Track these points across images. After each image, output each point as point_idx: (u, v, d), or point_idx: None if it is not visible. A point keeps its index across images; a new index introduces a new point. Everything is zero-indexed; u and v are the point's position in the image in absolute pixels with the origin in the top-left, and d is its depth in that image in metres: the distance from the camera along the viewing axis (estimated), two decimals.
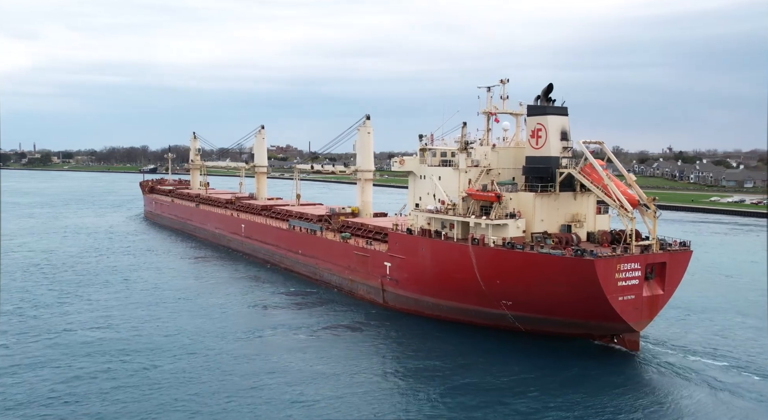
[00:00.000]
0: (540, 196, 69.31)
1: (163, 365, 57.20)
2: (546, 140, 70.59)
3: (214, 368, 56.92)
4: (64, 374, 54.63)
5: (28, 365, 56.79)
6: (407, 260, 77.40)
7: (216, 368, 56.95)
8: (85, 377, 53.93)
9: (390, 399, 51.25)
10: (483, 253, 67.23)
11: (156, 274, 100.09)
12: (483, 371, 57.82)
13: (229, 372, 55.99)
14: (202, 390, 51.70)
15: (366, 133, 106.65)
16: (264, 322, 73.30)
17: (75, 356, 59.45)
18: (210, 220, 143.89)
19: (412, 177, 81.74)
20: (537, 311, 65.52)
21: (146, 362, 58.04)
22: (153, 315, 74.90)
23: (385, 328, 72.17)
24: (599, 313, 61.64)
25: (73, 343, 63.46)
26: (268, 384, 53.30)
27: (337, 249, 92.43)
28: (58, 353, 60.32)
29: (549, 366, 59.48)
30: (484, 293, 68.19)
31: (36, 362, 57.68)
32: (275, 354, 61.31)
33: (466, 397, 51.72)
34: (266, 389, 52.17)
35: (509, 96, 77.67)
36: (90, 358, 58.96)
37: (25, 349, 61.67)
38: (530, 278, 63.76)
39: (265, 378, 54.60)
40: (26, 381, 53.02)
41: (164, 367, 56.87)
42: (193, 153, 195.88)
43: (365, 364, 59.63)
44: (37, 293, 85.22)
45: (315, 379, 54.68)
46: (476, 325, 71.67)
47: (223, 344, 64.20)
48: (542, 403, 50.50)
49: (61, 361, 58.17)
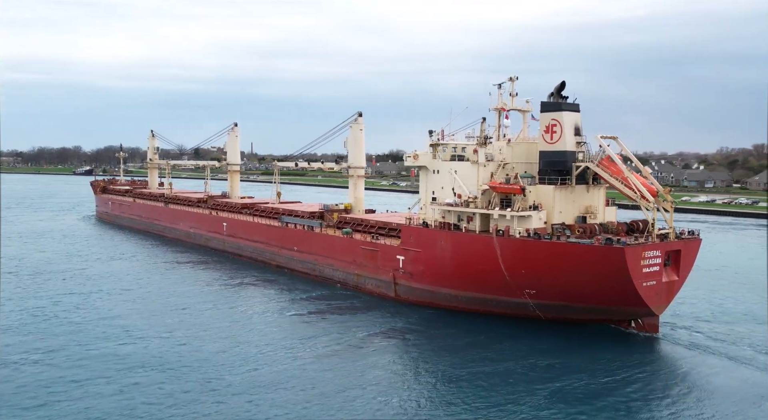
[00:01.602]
0: (559, 189, 72.26)
1: (229, 377, 53.56)
2: (561, 135, 73.58)
3: (303, 380, 52.98)
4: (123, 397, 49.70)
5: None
6: (423, 253, 78.78)
7: (294, 380, 53.08)
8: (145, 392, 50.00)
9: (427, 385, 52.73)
10: (508, 244, 69.46)
11: (146, 282, 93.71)
12: (530, 359, 59.99)
13: (310, 385, 51.68)
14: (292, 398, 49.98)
15: (358, 129, 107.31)
16: (294, 327, 69.89)
17: (122, 370, 54.55)
18: (183, 219, 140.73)
19: (424, 172, 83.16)
20: (560, 299, 68.27)
21: (209, 376, 53.72)
22: (179, 327, 69.14)
23: (407, 320, 73.31)
24: (625, 299, 64.92)
25: (107, 356, 58.25)
26: (348, 391, 51.97)
27: (341, 244, 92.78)
28: (104, 367, 55.27)
29: (586, 350, 62.40)
30: (508, 283, 70.43)
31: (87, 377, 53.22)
32: (323, 361, 58.22)
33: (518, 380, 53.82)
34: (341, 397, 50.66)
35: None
36: (143, 372, 54.16)
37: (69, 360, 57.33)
38: (557, 267, 66.41)
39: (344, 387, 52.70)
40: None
41: (232, 378, 53.42)
42: (151, 152, 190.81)
43: (404, 355, 60.87)
44: (38, 305, 76.90)
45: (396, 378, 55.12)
46: (494, 314, 73.82)
47: (283, 354, 59.51)
48: (593, 381, 53.22)
49: (108, 375, 53.20)
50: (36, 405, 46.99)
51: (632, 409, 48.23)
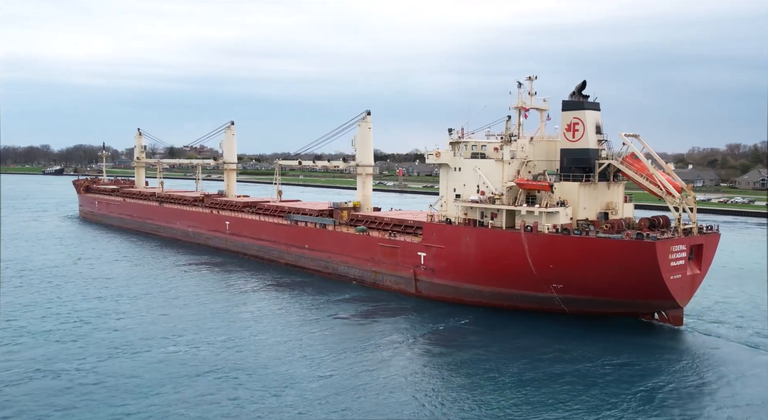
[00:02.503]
0: (583, 185, 74.12)
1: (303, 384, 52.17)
2: (584, 133, 75.47)
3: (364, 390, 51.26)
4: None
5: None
6: (446, 250, 79.88)
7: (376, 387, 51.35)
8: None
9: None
10: (536, 240, 70.98)
11: (169, 285, 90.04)
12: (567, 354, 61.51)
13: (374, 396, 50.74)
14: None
15: (366, 128, 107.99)
16: (334, 327, 68.96)
17: (186, 377, 52.51)
18: (180, 218, 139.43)
19: (444, 169, 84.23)
20: (588, 293, 70.06)
21: (275, 383, 51.91)
22: (226, 330, 66.74)
23: (431, 317, 74.39)
24: (653, 292, 66.98)
25: (167, 363, 55.63)
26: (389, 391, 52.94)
27: (357, 242, 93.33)
28: (167, 375, 52.98)
29: (621, 342, 64.25)
30: (534, 278, 71.96)
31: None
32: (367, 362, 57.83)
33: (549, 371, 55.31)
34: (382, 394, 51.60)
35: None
36: (208, 379, 52.22)
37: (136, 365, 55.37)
38: (586, 262, 68.17)
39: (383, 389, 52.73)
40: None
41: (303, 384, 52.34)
42: (138, 150, 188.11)
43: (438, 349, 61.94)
44: (69, 311, 73.22)
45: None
46: (518, 309, 75.33)
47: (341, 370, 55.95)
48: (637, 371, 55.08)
49: (174, 382, 51.38)
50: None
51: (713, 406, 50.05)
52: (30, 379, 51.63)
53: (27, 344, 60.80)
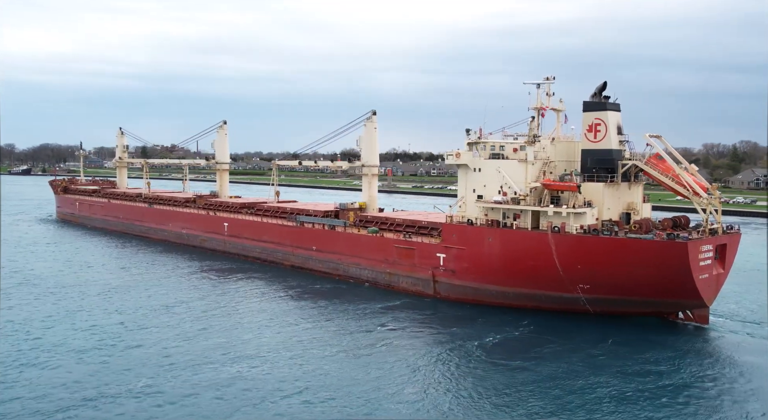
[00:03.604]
0: (608, 186, 74.51)
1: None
2: (606, 134, 75.85)
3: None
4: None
5: None
6: (467, 251, 79.47)
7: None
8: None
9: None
10: (564, 241, 71.04)
11: (188, 293, 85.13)
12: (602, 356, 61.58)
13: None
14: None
15: (372, 128, 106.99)
16: (360, 329, 68.09)
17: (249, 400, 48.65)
18: (173, 220, 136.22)
19: (463, 170, 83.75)
20: (615, 293, 70.40)
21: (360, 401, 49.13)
22: (267, 343, 63.01)
23: (457, 318, 73.94)
24: (682, 292, 67.63)
25: (221, 384, 51.56)
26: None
27: (370, 243, 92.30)
28: (225, 399, 49.10)
29: (652, 342, 64.64)
30: (561, 278, 72.03)
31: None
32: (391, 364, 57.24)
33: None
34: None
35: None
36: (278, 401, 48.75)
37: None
38: (616, 262, 68.47)
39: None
40: None
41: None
42: (120, 150, 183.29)
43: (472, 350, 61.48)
44: (91, 325, 68.04)
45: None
46: (542, 309, 75.32)
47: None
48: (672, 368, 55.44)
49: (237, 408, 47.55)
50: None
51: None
52: (84, 407, 46.63)
53: (61, 366, 55.17)
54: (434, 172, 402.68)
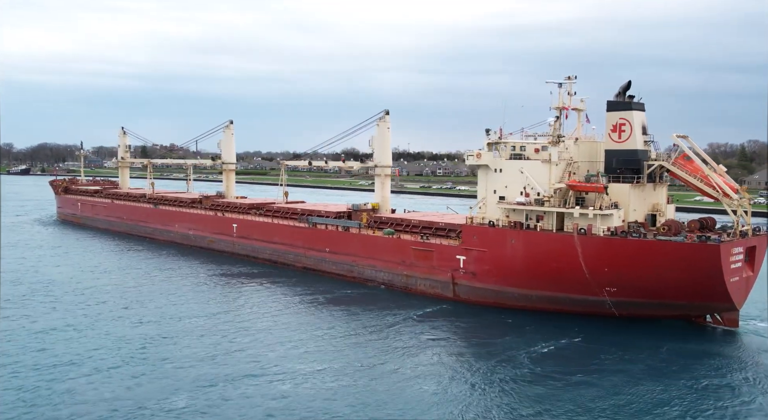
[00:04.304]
0: (634, 187, 73.15)
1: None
2: (631, 134, 74.49)
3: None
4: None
5: None
6: (489, 253, 77.99)
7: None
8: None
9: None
10: (591, 243, 69.62)
11: (218, 301, 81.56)
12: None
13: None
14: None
15: (385, 128, 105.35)
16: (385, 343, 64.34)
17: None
18: (179, 221, 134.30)
19: (483, 171, 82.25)
20: (643, 296, 68.99)
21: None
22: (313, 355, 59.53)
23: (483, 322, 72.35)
24: (712, 294, 66.28)
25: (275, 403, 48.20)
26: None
27: (386, 245, 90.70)
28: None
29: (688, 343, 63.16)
30: (587, 281, 70.62)
31: None
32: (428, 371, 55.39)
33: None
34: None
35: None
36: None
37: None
38: (645, 264, 67.08)
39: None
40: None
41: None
42: (123, 150, 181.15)
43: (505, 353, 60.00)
44: (132, 335, 64.74)
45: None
46: (565, 312, 73.88)
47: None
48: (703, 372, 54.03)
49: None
50: None
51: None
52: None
53: (96, 381, 51.82)
54: (440, 172, 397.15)
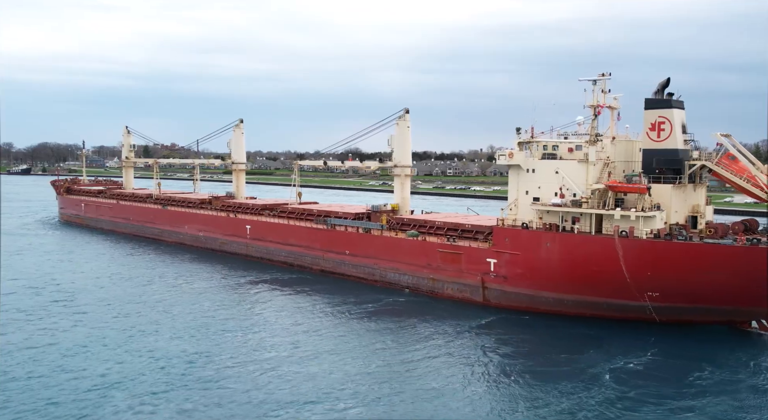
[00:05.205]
0: (676, 188, 70.54)
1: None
2: (671, 133, 71.85)
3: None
4: None
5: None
6: (522, 256, 75.26)
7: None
8: None
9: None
10: (634, 246, 66.94)
11: (249, 312, 76.40)
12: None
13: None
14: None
15: (405, 126, 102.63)
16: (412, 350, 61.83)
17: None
18: (189, 222, 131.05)
19: (514, 171, 79.49)
20: (687, 301, 66.39)
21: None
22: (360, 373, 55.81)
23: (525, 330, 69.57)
24: (761, 299, 63.63)
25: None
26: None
27: (410, 247, 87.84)
28: None
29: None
30: (628, 285, 67.94)
31: None
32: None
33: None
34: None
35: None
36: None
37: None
38: (690, 268, 64.44)
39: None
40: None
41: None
42: (127, 149, 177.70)
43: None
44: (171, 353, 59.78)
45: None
46: (602, 317, 71.23)
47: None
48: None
49: None
50: None
51: None
52: None
53: (145, 404, 48.01)
54: (450, 172, 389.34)
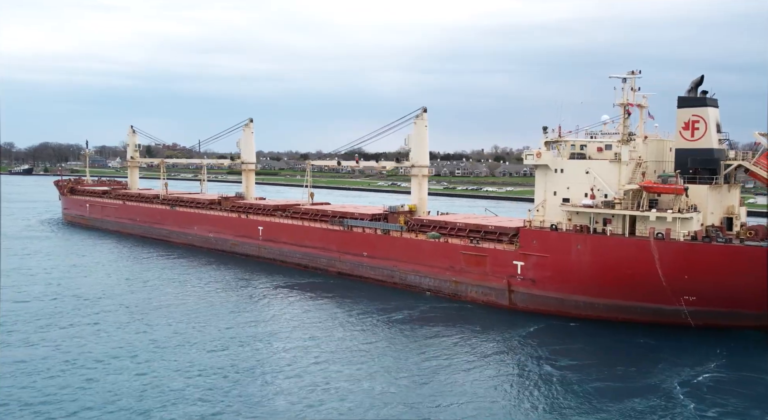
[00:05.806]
0: (712, 188, 68.51)
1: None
2: (706, 132, 69.86)
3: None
4: None
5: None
6: (551, 258, 73.14)
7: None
8: None
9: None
10: (671, 248, 64.86)
11: (285, 318, 73.19)
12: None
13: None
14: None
15: (423, 126, 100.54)
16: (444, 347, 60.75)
17: None
18: (198, 223, 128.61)
19: (542, 171, 77.38)
20: (725, 305, 64.35)
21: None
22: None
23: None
24: None
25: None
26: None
27: (432, 249, 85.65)
28: None
29: None
30: (663, 289, 65.88)
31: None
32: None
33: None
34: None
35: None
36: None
37: None
38: (729, 271, 62.42)
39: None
40: None
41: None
42: (132, 149, 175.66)
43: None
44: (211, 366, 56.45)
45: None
46: (634, 322, 69.11)
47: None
48: None
49: None
50: None
51: None
52: None
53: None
54: (458, 173, 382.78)
